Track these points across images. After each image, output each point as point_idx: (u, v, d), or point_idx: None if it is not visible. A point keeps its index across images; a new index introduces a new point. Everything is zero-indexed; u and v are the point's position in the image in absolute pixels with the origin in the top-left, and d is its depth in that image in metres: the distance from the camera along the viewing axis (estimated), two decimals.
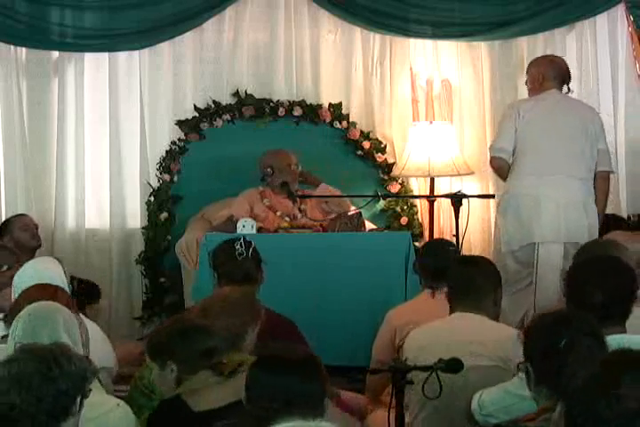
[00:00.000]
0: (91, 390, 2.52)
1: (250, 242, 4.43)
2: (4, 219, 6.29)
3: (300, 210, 6.13)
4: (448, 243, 4.98)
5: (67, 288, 4.01)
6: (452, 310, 3.84)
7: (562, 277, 5.07)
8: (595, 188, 5.35)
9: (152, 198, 6.58)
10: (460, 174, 6.47)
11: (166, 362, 3.19)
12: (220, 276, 4.40)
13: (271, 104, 6.66)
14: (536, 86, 5.46)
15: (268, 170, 6.12)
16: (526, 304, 5.20)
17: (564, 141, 5.30)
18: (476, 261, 4.06)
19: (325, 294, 5.39)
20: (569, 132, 5.33)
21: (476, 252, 6.26)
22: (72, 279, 5.00)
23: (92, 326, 3.70)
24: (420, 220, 6.74)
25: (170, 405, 3.10)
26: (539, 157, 5.26)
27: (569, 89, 5.49)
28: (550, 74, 5.44)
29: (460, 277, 3.86)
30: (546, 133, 5.30)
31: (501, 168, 5.38)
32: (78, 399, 2.47)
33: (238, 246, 4.38)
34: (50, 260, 4.33)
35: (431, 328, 3.79)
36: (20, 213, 6.15)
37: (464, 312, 3.74)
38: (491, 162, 5.46)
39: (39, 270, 3.98)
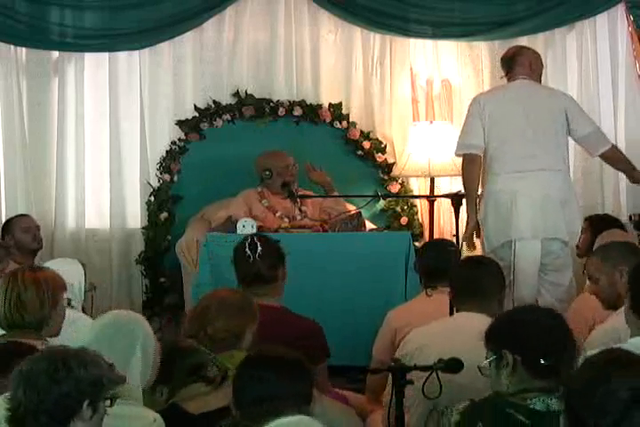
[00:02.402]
0: (112, 398, 2.52)
1: (256, 244, 4.35)
2: (4, 219, 6.30)
3: (300, 210, 6.13)
4: (448, 243, 4.97)
5: (82, 293, 4.02)
6: (456, 310, 3.84)
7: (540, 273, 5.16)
8: (614, 163, 5.45)
9: (152, 198, 6.58)
10: (459, 174, 6.45)
11: (155, 387, 3.16)
12: (237, 276, 4.38)
13: (271, 104, 6.67)
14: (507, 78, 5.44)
15: (267, 173, 6.11)
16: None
17: (538, 134, 5.19)
18: (482, 262, 4.05)
19: (325, 294, 5.39)
20: (542, 124, 5.22)
21: (476, 251, 6.26)
22: None
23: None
24: (420, 220, 6.74)
25: (167, 411, 3.09)
26: (516, 155, 5.16)
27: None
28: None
29: (467, 277, 3.86)
30: (518, 128, 5.20)
31: (474, 164, 5.22)
32: (86, 404, 2.45)
33: (247, 249, 4.33)
34: (71, 262, 4.33)
35: (432, 328, 3.78)
36: (21, 213, 6.13)
37: (468, 312, 3.74)
38: (463, 160, 5.29)
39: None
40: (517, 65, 5.35)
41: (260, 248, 4.33)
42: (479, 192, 5.24)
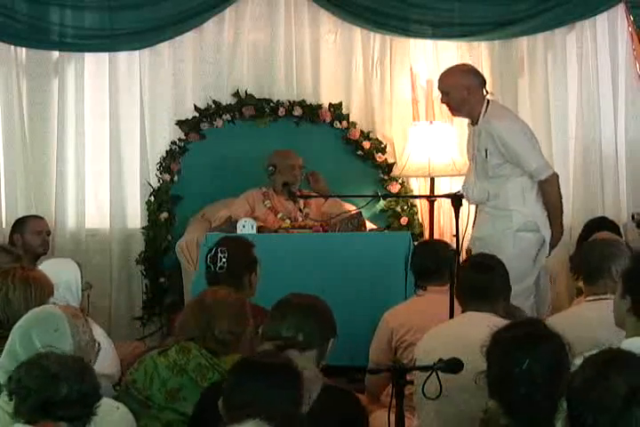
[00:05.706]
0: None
1: (217, 256, 4.42)
2: (4, 219, 6.31)
3: (300, 211, 6.14)
4: (437, 243, 5.01)
5: (79, 292, 4.01)
6: (462, 311, 3.84)
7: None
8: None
9: (152, 198, 6.58)
10: (460, 174, 6.44)
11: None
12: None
13: (271, 104, 6.67)
14: (470, 98, 5.24)
15: (271, 168, 6.17)
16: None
17: None
18: (491, 265, 4.02)
19: (325, 294, 5.30)
20: None
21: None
22: None
23: (97, 331, 3.71)
24: (420, 220, 6.74)
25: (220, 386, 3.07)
26: None
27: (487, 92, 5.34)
28: (483, 83, 5.33)
29: (477, 281, 3.83)
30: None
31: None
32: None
33: (208, 262, 4.43)
34: (66, 261, 4.31)
35: (441, 330, 3.78)
36: (33, 214, 6.14)
37: (475, 311, 3.74)
38: (553, 181, 5.27)
39: (53, 272, 3.96)
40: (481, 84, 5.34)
41: (222, 260, 4.37)
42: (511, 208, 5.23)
